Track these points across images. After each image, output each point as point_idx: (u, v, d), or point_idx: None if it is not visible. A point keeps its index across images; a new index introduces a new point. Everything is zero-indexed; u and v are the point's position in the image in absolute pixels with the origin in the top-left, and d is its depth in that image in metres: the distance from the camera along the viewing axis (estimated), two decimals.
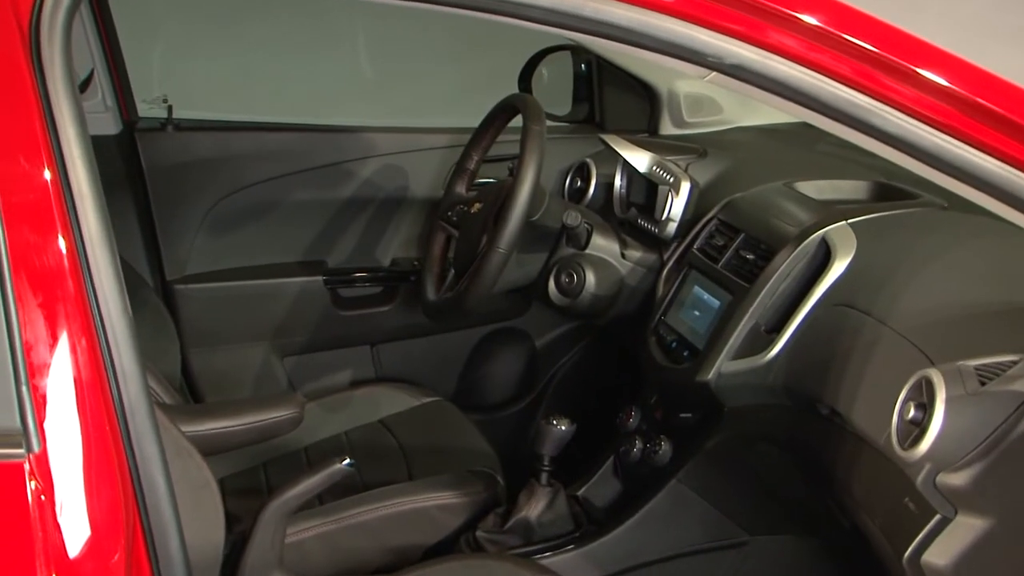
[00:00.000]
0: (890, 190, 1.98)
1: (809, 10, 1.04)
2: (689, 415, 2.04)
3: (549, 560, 1.96)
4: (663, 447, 2.04)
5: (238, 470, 2.00)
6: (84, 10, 2.14)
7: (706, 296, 1.91)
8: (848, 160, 2.14)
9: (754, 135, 2.53)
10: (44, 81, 1.05)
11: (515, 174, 1.90)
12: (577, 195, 2.37)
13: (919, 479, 1.26)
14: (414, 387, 2.35)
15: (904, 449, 1.23)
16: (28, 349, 1.01)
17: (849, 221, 1.76)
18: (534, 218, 2.02)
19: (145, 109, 2.35)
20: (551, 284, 2.09)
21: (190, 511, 1.19)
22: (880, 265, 1.64)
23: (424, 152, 2.49)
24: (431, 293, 2.18)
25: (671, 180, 2.03)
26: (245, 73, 2.94)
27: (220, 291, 2.38)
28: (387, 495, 1.88)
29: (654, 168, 2.08)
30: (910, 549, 1.30)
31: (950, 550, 1.25)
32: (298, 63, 3.00)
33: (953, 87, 1.04)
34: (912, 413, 1.22)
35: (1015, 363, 1.21)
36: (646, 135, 2.54)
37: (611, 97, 2.60)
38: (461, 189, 2.21)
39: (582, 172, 2.38)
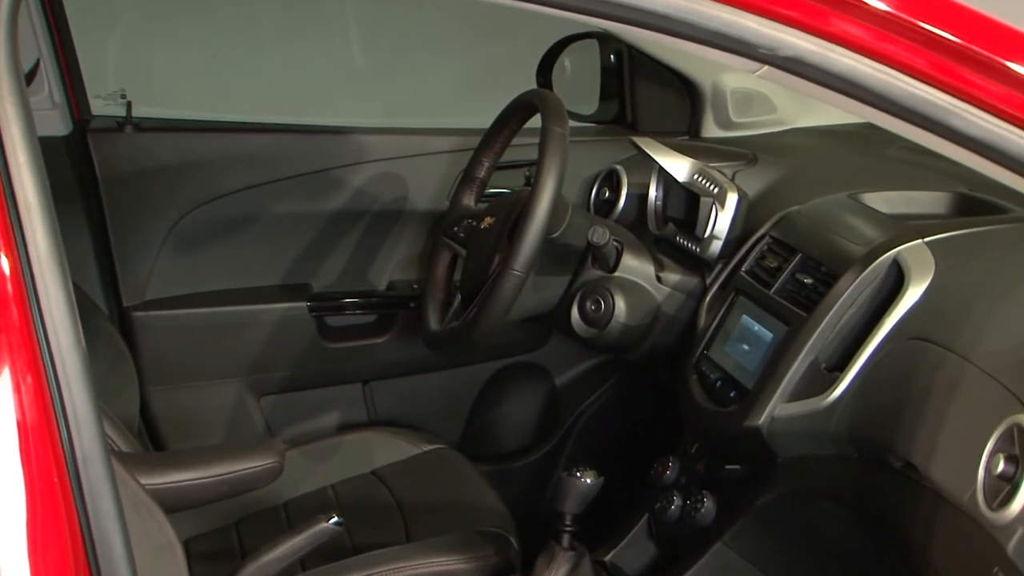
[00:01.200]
0: (974, 203, 1.98)
1: None
2: (736, 467, 2.04)
3: None
4: (706, 504, 2.03)
5: (206, 530, 2.00)
6: None
7: (756, 327, 1.91)
8: (924, 168, 2.14)
9: (813, 138, 2.53)
10: None
11: (532, 183, 1.90)
12: (605, 208, 2.37)
13: (1011, 545, 1.25)
14: (413, 432, 2.36)
15: (993, 509, 1.22)
16: None
17: (926, 239, 1.76)
18: (554, 235, 2.02)
19: (100, 106, 2.36)
20: (575, 312, 2.08)
21: None
22: (962, 291, 1.63)
23: (426, 157, 2.50)
24: (434, 322, 2.18)
25: (715, 191, 2.03)
26: (216, 64, 2.96)
27: (186, 319, 2.38)
28: (381, 560, 1.87)
29: (695, 177, 2.08)
30: None
31: None
32: (279, 53, 3.02)
33: None
34: (1002, 467, 1.22)
35: None
36: (686, 138, 2.55)
37: (645, 93, 2.60)
38: (469, 201, 2.22)
39: (611, 181, 2.39)
